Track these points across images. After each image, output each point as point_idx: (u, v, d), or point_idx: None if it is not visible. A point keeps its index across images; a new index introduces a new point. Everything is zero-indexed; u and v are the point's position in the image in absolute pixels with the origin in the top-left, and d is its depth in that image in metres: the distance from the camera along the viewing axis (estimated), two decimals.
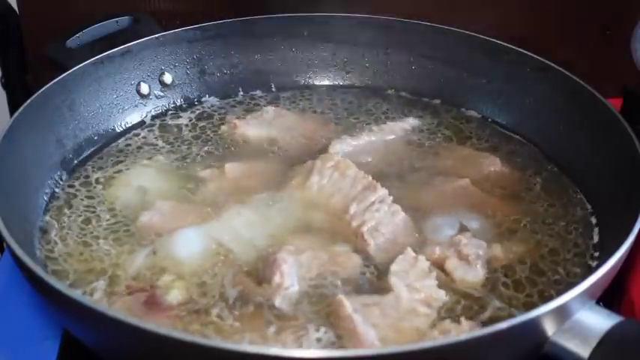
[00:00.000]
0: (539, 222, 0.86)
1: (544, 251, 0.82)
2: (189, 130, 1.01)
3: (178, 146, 0.98)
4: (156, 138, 1.00)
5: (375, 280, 0.78)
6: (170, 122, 1.03)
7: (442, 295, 0.75)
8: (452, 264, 0.78)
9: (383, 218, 0.83)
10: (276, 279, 0.75)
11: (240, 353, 0.62)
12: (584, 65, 0.97)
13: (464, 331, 0.70)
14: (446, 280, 0.78)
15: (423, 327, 0.72)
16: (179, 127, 1.02)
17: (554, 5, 1.21)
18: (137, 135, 1.00)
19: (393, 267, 0.77)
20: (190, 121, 1.03)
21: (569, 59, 0.98)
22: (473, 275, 0.78)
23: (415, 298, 0.74)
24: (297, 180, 0.89)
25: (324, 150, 0.94)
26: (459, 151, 0.98)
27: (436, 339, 0.69)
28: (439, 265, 0.79)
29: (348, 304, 0.72)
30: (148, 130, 1.01)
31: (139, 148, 0.98)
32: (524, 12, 1.21)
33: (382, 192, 0.85)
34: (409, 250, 0.79)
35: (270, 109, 1.03)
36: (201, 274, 0.78)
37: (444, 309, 0.74)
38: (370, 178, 0.87)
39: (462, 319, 0.72)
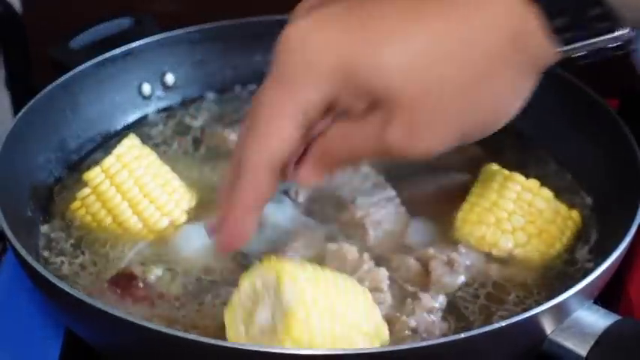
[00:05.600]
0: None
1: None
2: (190, 131, 1.01)
3: (178, 147, 0.99)
4: (157, 138, 1.00)
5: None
6: (171, 123, 1.03)
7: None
8: (435, 264, 0.78)
9: (387, 216, 0.84)
10: None
11: (242, 351, 0.62)
12: (583, 65, 0.97)
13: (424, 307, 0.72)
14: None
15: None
16: (179, 128, 1.02)
17: None
18: (139, 135, 1.00)
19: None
20: (191, 122, 1.03)
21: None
22: (450, 280, 0.77)
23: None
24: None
25: None
26: (459, 153, 0.98)
27: (435, 338, 0.69)
28: (423, 264, 0.79)
29: None
30: (149, 130, 1.02)
31: None
32: None
33: (391, 192, 0.86)
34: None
35: None
36: (203, 270, 0.79)
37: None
38: (382, 178, 0.87)
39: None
